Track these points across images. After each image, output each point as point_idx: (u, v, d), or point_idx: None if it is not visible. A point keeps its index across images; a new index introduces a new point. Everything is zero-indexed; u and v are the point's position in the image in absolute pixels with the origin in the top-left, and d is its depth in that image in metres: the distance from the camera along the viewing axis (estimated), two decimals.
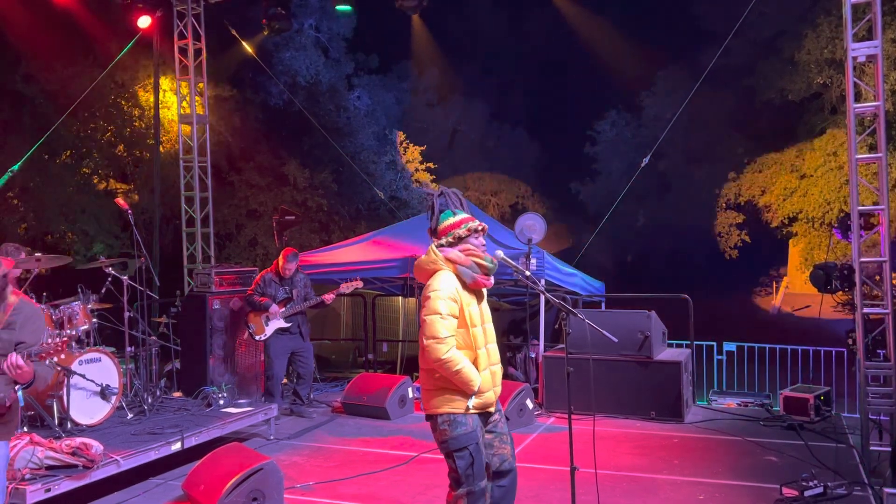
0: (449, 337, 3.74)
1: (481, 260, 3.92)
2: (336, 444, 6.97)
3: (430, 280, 3.87)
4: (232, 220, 18.11)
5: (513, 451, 4.04)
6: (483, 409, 3.89)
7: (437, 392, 3.84)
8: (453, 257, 3.89)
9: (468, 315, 3.85)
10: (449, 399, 3.81)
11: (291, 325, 7.88)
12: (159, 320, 9.14)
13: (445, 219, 4.00)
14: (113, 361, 6.33)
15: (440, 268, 3.88)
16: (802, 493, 5.10)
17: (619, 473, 5.88)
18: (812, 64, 16.67)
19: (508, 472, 3.98)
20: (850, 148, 6.53)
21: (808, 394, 7.42)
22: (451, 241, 3.94)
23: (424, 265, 3.95)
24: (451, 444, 3.78)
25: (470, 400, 3.79)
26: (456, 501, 3.81)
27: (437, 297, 3.77)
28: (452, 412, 3.79)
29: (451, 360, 3.72)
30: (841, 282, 6.62)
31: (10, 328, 3.63)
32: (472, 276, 3.88)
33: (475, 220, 4.03)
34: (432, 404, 3.85)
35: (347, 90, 21.59)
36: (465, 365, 3.75)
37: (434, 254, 3.92)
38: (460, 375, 3.74)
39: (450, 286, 3.80)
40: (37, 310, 3.83)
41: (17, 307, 3.69)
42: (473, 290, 3.94)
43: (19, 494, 4.58)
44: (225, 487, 4.74)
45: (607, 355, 7.60)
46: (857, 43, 6.47)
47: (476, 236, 3.99)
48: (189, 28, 10.83)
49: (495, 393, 3.96)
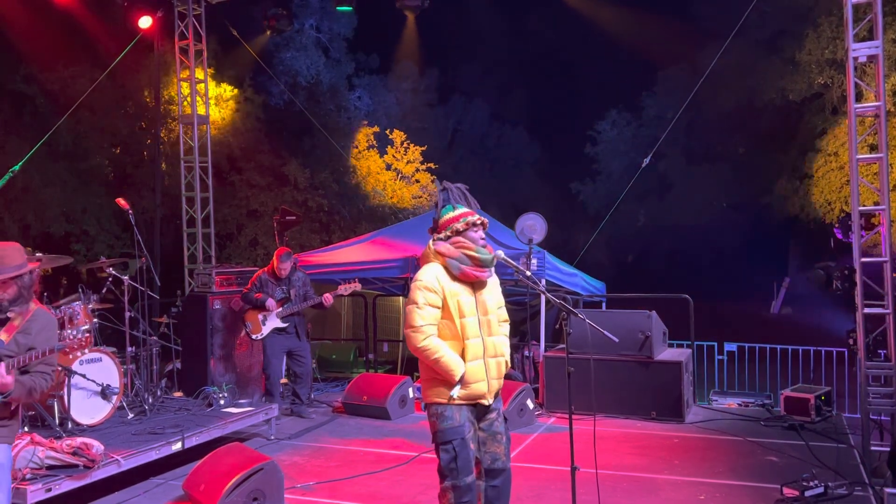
0: (426, 325, 3.84)
1: (472, 252, 3.96)
2: (337, 444, 6.97)
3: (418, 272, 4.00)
4: (232, 221, 18.10)
5: (507, 452, 4.04)
6: (471, 400, 3.90)
7: (428, 382, 3.96)
8: (442, 250, 3.98)
9: (455, 305, 3.90)
10: (437, 390, 3.90)
11: (288, 325, 7.86)
12: (160, 320, 9.15)
13: (445, 213, 4.08)
14: (114, 361, 6.33)
15: (430, 260, 4.01)
16: (803, 494, 5.10)
17: (620, 473, 5.88)
18: (813, 64, 16.65)
19: (501, 472, 3.98)
20: (851, 148, 6.54)
21: (809, 394, 7.42)
22: (449, 235, 4.01)
23: (421, 259, 4.11)
24: (439, 437, 3.88)
25: (454, 390, 3.84)
26: (443, 494, 3.87)
27: (415, 288, 3.91)
28: (439, 402, 3.87)
29: (429, 349, 3.83)
30: (842, 282, 6.62)
31: (27, 333, 3.65)
32: (459, 267, 3.93)
33: (474, 215, 4.08)
34: (426, 394, 3.97)
35: (348, 90, 21.60)
36: (443, 353, 3.83)
37: (429, 248, 4.05)
38: (440, 364, 3.83)
39: (430, 277, 3.91)
40: (53, 320, 3.84)
41: (35, 314, 3.71)
42: (465, 281, 3.97)
43: (20, 494, 4.59)
44: (225, 487, 4.74)
45: (608, 355, 7.60)
46: (858, 43, 6.48)
47: (475, 230, 4.04)
48: (190, 28, 10.84)
49: (491, 386, 3.96)
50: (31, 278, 3.71)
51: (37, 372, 3.65)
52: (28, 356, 3.56)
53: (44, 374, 3.67)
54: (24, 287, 3.66)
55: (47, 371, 3.69)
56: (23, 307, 3.67)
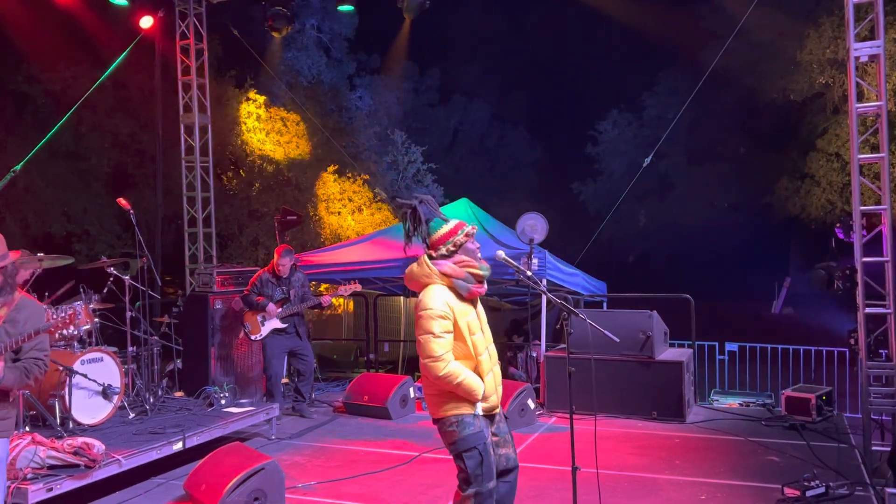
0: (444, 354, 3.71)
1: (476, 270, 3.89)
2: (337, 443, 6.97)
3: (421, 295, 3.83)
4: (234, 221, 18.10)
5: (514, 450, 4.07)
6: (490, 411, 3.91)
7: (442, 396, 3.82)
8: (448, 271, 3.82)
9: (465, 326, 3.81)
10: (451, 404, 3.81)
11: (288, 325, 7.85)
12: (161, 320, 9.15)
13: (437, 227, 3.91)
14: (115, 361, 6.33)
15: (433, 282, 3.82)
16: (804, 494, 5.09)
17: (621, 473, 5.88)
18: (814, 64, 16.63)
19: (514, 469, 4.03)
20: (853, 148, 6.53)
21: (810, 394, 7.41)
22: (451, 250, 3.88)
23: (417, 277, 3.89)
24: (461, 445, 3.78)
25: (477, 407, 3.80)
26: (464, 502, 3.80)
27: (428, 318, 3.72)
28: (460, 413, 3.79)
29: (451, 375, 3.71)
30: (843, 281, 6.61)
31: (14, 322, 3.69)
32: (468, 287, 3.84)
33: (467, 224, 3.97)
34: (440, 410, 3.83)
35: (349, 90, 21.60)
36: (465, 376, 3.74)
37: (427, 266, 3.84)
38: (462, 387, 3.73)
39: (440, 303, 3.74)
40: (39, 306, 3.88)
41: (20, 303, 3.75)
42: (469, 298, 3.91)
43: (21, 494, 4.59)
44: (226, 487, 4.74)
45: (609, 355, 7.59)
46: (859, 43, 6.47)
47: (471, 240, 3.94)
48: (191, 28, 10.85)
49: (497, 394, 3.98)
50: (14, 268, 3.80)
51: (29, 358, 3.69)
52: (17, 339, 3.60)
53: (36, 359, 3.72)
54: (8, 276, 3.73)
55: (40, 356, 3.74)
56: (7, 297, 3.73)
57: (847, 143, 10.71)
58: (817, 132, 17.97)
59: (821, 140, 17.54)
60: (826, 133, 17.38)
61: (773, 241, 24.72)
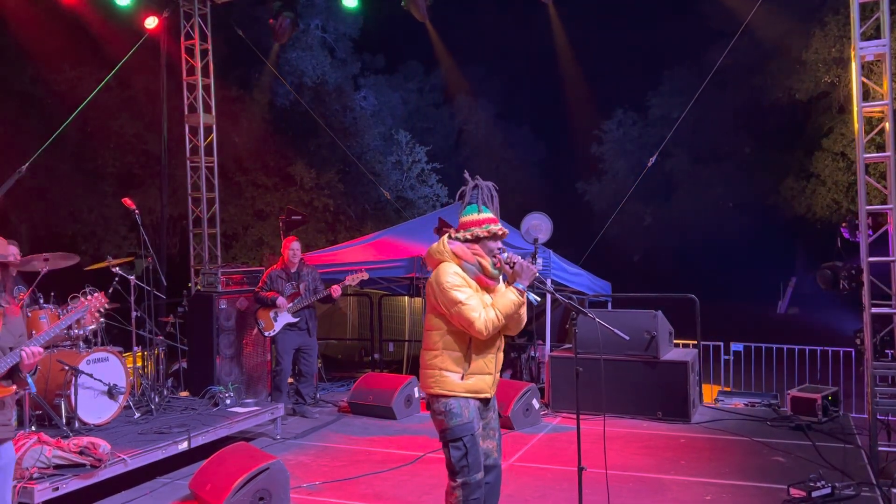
0: (478, 315, 3.75)
1: (486, 265, 3.92)
2: (342, 443, 6.98)
3: (435, 272, 3.91)
4: (239, 221, 18.15)
5: (499, 448, 4.04)
6: (477, 394, 3.89)
7: (429, 370, 3.89)
8: (458, 251, 3.90)
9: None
10: (440, 379, 3.84)
11: (299, 319, 7.89)
12: (166, 320, 9.17)
13: (469, 213, 3.98)
14: (120, 361, 6.35)
15: (445, 259, 3.91)
16: (810, 494, 5.08)
17: (627, 473, 5.87)
18: (820, 63, 16.58)
19: (493, 469, 3.98)
20: (858, 147, 6.51)
21: (816, 394, 7.40)
22: (467, 238, 3.92)
23: (433, 253, 3.99)
24: (448, 434, 3.82)
25: (459, 377, 3.81)
26: (451, 492, 3.83)
27: (448, 289, 3.78)
28: (444, 394, 3.81)
29: (495, 321, 3.78)
30: (848, 281, 6.59)
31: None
32: (475, 272, 3.90)
33: (497, 224, 3.97)
34: (427, 383, 3.90)
35: (354, 90, 21.62)
36: (498, 310, 3.80)
37: (443, 245, 3.95)
38: (505, 312, 3.81)
39: (451, 275, 3.83)
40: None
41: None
42: (479, 285, 3.95)
43: (27, 493, 4.61)
44: (232, 487, 4.75)
45: (614, 355, 7.59)
46: (864, 42, 6.45)
47: (495, 241, 3.96)
48: (196, 28, 10.86)
49: (494, 379, 3.97)
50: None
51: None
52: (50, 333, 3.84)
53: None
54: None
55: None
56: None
57: (852, 142, 10.66)
58: (823, 131, 17.92)
59: (826, 139, 17.49)
60: (832, 132, 17.33)
61: (779, 241, 24.66)
